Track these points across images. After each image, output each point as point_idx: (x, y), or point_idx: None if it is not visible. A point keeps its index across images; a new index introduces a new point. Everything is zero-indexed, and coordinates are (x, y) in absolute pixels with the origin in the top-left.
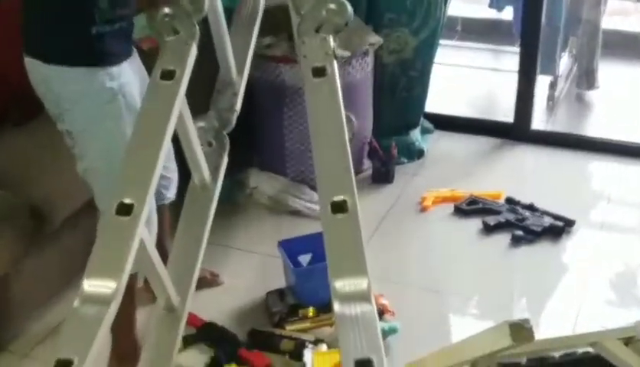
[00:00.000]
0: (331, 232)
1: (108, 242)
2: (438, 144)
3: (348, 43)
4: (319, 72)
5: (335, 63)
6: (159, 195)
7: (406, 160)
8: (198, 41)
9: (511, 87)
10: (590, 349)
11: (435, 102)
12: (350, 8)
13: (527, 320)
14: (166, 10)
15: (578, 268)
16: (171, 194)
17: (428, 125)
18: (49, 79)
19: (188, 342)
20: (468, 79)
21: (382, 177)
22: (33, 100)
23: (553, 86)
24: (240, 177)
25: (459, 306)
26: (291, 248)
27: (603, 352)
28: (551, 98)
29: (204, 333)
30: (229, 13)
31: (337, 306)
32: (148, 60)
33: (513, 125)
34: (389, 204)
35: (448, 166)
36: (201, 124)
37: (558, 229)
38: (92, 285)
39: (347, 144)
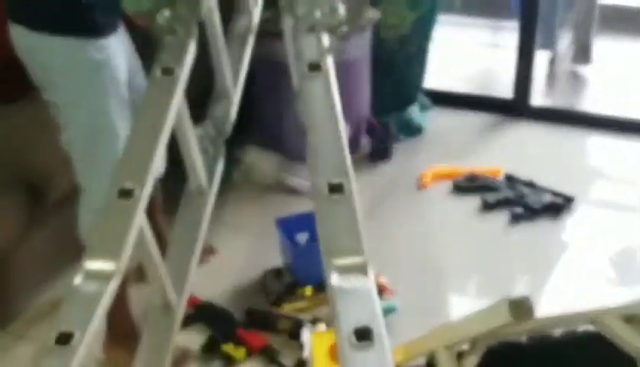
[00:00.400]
0: (325, 211)
1: (109, 224)
2: (436, 121)
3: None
4: (314, 67)
5: (330, 58)
6: None
7: (404, 137)
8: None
9: (509, 63)
10: (591, 327)
11: (434, 79)
12: (342, 10)
13: (526, 297)
14: (166, 13)
15: (577, 246)
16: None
17: (426, 101)
18: (35, 47)
19: (185, 322)
20: (466, 54)
21: (380, 153)
22: (26, 75)
23: (552, 61)
24: (237, 154)
25: (458, 285)
26: (288, 226)
27: (604, 329)
28: (551, 73)
29: (201, 313)
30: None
31: (333, 279)
32: (143, 35)
33: (512, 101)
34: (387, 181)
35: (446, 142)
36: (198, 132)
37: (557, 207)
38: (93, 264)
39: (344, 135)
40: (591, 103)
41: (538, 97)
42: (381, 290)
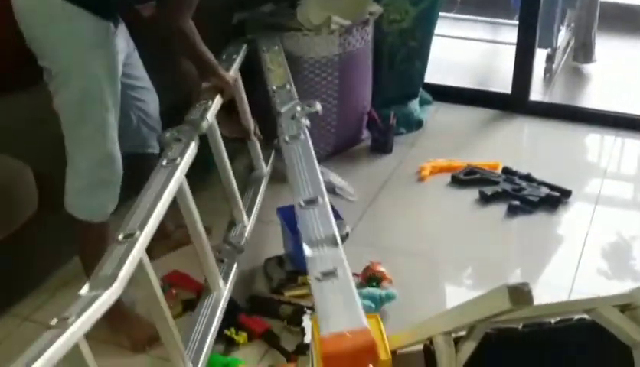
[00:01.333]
0: (303, 216)
1: (110, 257)
2: (436, 115)
3: (349, 12)
4: (294, 137)
5: (307, 131)
6: (145, 142)
7: (404, 131)
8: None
9: (509, 59)
10: (586, 316)
11: (434, 74)
12: (319, 105)
13: (526, 283)
14: (173, 131)
15: (573, 239)
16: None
17: (426, 95)
18: (39, 11)
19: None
20: (466, 51)
21: (381, 147)
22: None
23: (550, 58)
24: (240, 146)
25: (456, 274)
26: (289, 215)
27: (599, 318)
28: (548, 70)
29: None
30: None
31: (306, 251)
32: (148, 27)
33: (511, 97)
34: (387, 174)
35: (446, 136)
36: (214, 254)
37: (554, 200)
38: (94, 285)
39: (324, 191)
40: (589, 100)
41: (537, 94)
42: (380, 279)
